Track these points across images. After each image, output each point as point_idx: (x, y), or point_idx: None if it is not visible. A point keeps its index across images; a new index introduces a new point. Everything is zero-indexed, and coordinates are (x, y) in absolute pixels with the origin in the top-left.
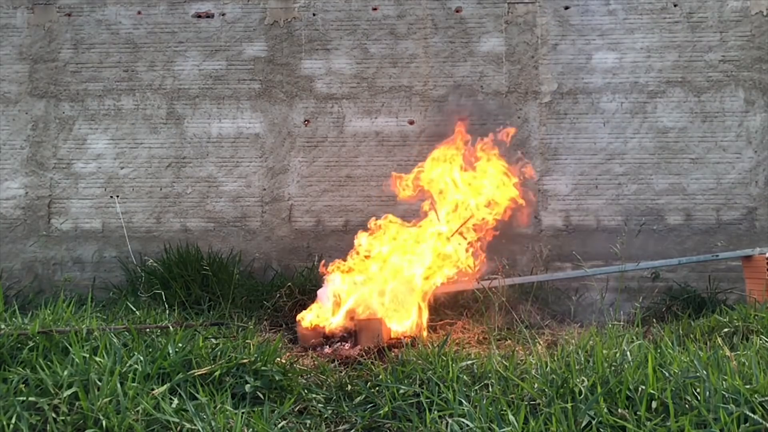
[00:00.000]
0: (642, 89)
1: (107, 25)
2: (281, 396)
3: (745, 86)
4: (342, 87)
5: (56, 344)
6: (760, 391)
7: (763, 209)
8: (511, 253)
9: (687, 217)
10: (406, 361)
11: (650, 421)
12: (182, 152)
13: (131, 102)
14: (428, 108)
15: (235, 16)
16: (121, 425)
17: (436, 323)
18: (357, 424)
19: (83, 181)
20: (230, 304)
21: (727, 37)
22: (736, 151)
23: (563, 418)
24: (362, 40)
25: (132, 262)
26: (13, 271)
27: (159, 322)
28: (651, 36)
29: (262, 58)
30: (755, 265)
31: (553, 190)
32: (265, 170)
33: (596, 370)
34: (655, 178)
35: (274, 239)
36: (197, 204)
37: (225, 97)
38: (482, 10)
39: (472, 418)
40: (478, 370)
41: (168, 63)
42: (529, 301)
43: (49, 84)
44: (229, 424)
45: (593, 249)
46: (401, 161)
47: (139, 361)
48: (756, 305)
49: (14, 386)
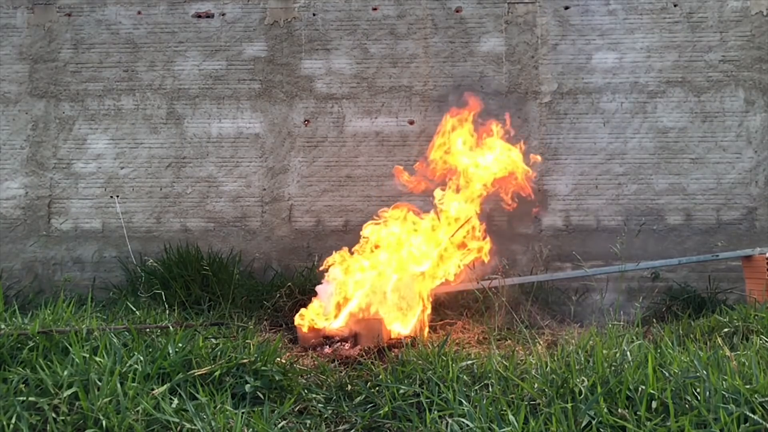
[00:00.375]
0: (642, 89)
1: (107, 25)
2: (281, 396)
3: (745, 86)
4: (342, 87)
5: (56, 344)
6: (760, 391)
7: (763, 209)
8: (511, 253)
9: (687, 217)
10: (406, 361)
11: (650, 421)
12: (182, 152)
13: (131, 102)
14: (428, 108)
15: (235, 16)
16: (121, 425)
17: (436, 323)
18: (357, 424)
19: (83, 181)
20: (230, 304)
21: (727, 37)
22: (736, 151)
23: (563, 418)
24: (362, 40)
25: (132, 262)
26: (13, 271)
27: (159, 322)
28: (651, 36)
29: (262, 58)
30: (755, 265)
31: (553, 190)
32: (265, 170)
33: (596, 370)
34: (655, 178)
35: (274, 239)
36: (197, 204)
37: (225, 97)
38: (482, 10)
39: (472, 418)
40: (478, 370)
41: (168, 63)
42: (529, 301)
43: (49, 84)
44: (229, 424)
45: (593, 249)
46: (401, 161)
47: (139, 361)
48: (756, 305)
49: (14, 386)
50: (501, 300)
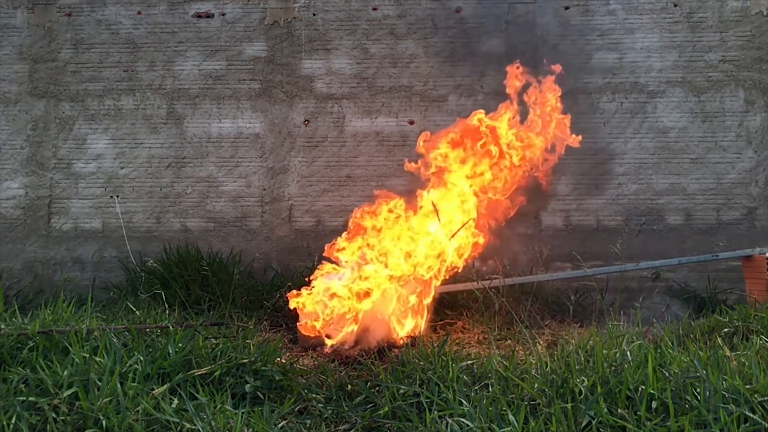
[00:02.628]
0: (642, 89)
1: (107, 25)
2: (281, 396)
3: (745, 86)
4: (342, 87)
5: (56, 344)
6: (760, 391)
7: (763, 209)
8: (511, 253)
9: (687, 217)
10: (406, 361)
11: (650, 421)
12: (182, 152)
13: (131, 102)
14: (428, 108)
15: (235, 16)
16: (121, 425)
17: (436, 323)
18: (357, 424)
19: (83, 181)
20: (230, 304)
21: (727, 37)
22: (736, 151)
23: (563, 418)
24: (362, 40)
25: (132, 262)
26: (13, 271)
27: (159, 322)
28: (651, 36)
29: (262, 58)
30: (755, 265)
31: (553, 189)
32: (265, 170)
33: (596, 370)
34: (655, 178)
35: (274, 239)
36: (197, 204)
37: (225, 97)
38: (482, 9)
39: (472, 418)
40: (478, 370)
41: (168, 63)
42: (529, 301)
43: (49, 84)
44: (229, 424)
45: (593, 249)
46: (401, 161)
47: (139, 361)
48: (756, 305)
49: (14, 386)
50: (501, 300)
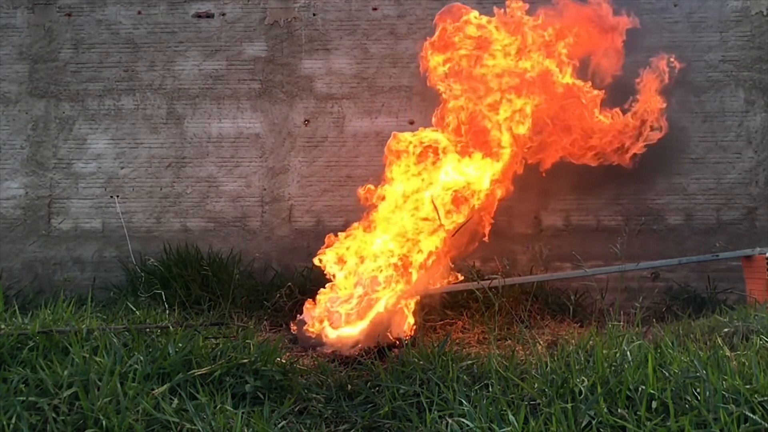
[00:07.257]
0: None
1: (107, 25)
2: (281, 396)
3: (745, 86)
4: (342, 87)
5: (56, 344)
6: (760, 391)
7: (763, 209)
8: (511, 253)
9: (687, 217)
10: (406, 361)
11: (650, 421)
12: (182, 152)
13: (131, 102)
14: (428, 108)
15: (235, 16)
16: (121, 425)
17: (436, 323)
18: (357, 424)
19: (83, 181)
20: (230, 304)
21: (727, 37)
22: (736, 151)
23: (563, 418)
24: (362, 40)
25: (132, 262)
26: (13, 271)
27: (159, 322)
28: (651, 36)
29: (262, 58)
30: (755, 265)
31: (553, 189)
32: (265, 170)
33: (596, 370)
34: (655, 178)
35: (274, 239)
36: (197, 204)
37: (225, 97)
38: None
39: (472, 418)
40: (478, 370)
41: (168, 63)
42: (529, 301)
43: (49, 84)
44: (229, 424)
45: (593, 249)
46: None
47: (139, 361)
48: (756, 305)
49: (14, 386)
50: (501, 300)
